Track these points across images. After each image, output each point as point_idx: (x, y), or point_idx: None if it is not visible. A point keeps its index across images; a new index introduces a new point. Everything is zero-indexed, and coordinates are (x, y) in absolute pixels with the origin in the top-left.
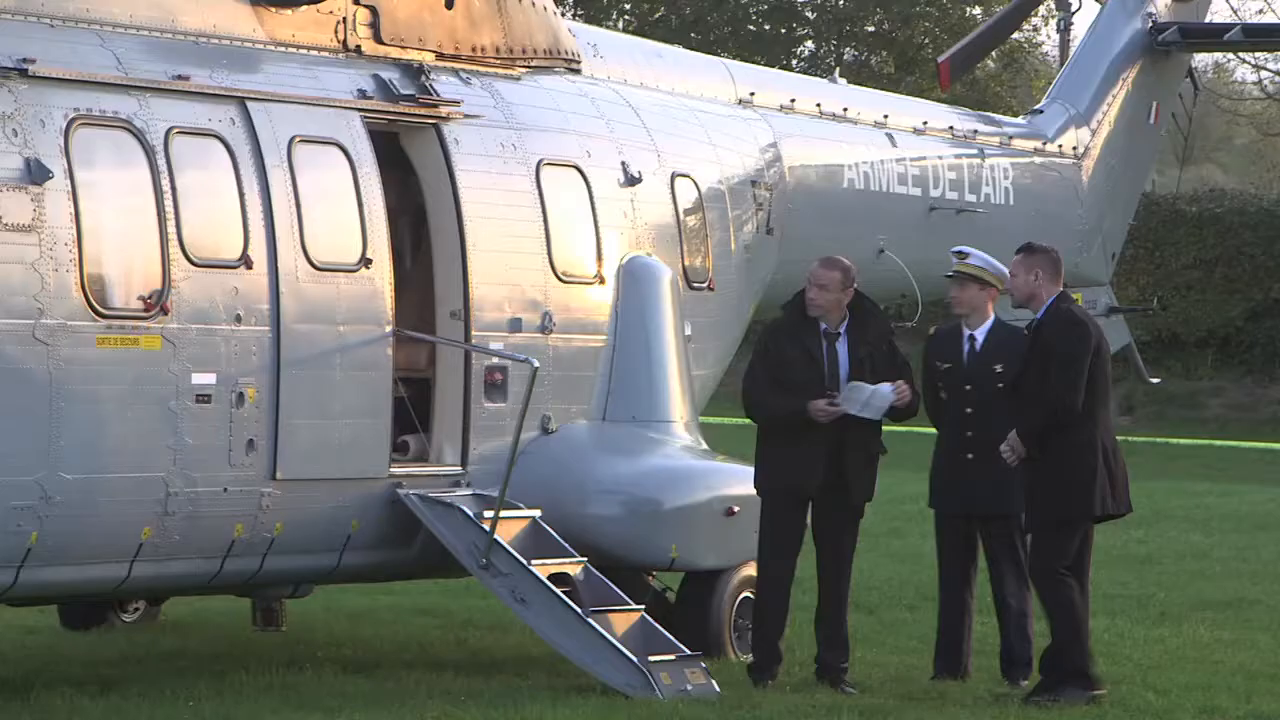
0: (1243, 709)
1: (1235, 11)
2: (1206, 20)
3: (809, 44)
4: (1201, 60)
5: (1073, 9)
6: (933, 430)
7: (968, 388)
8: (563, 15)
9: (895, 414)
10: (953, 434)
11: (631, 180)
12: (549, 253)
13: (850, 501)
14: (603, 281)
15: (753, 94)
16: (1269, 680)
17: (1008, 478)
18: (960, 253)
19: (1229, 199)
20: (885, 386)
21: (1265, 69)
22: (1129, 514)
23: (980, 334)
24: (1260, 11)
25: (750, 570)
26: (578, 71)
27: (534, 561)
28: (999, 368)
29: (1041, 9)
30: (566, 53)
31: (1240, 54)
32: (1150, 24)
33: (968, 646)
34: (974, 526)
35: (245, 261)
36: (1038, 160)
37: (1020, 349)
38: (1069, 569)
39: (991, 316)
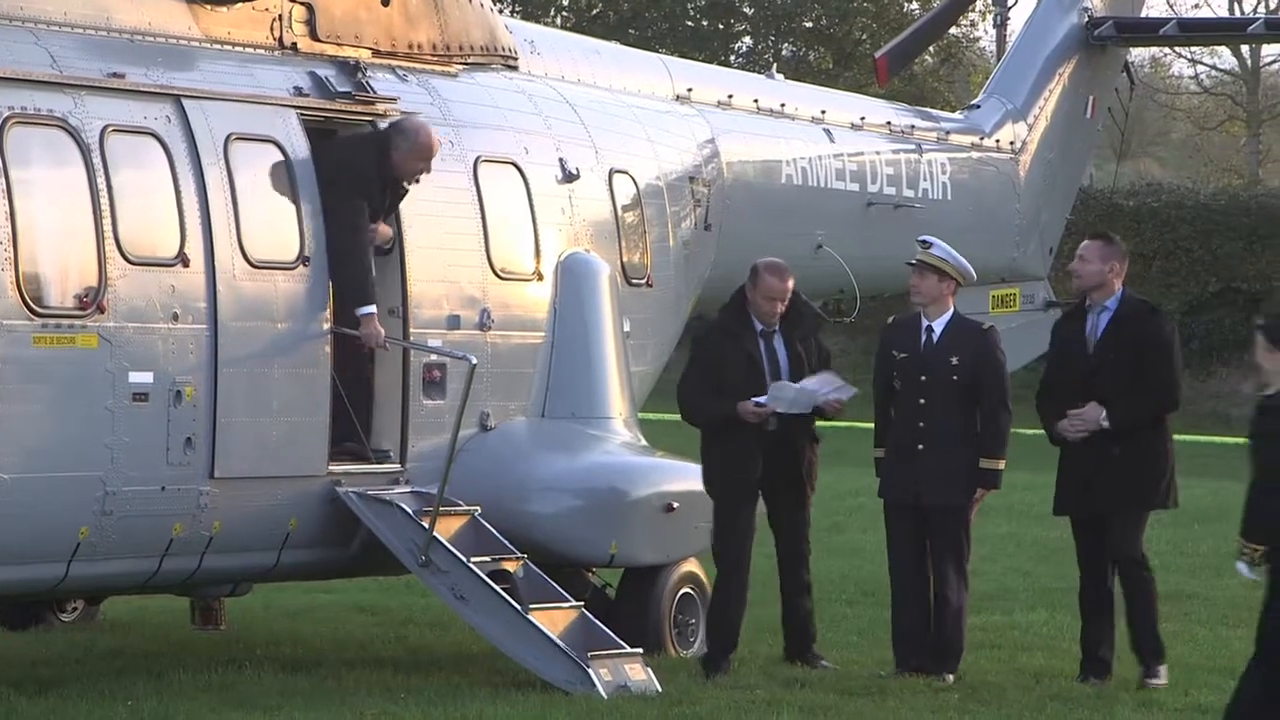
0: (1180, 701)
1: (1171, 6)
2: (1142, 15)
3: (747, 40)
4: (1138, 55)
5: (1008, 4)
6: (871, 425)
7: (923, 378)
8: (500, 12)
9: (820, 413)
10: (905, 424)
11: (569, 177)
12: (487, 250)
13: (799, 486)
14: (541, 278)
15: (690, 90)
16: (1206, 673)
17: (957, 470)
18: (924, 242)
19: (1166, 193)
20: (809, 382)
21: (1201, 63)
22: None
23: (938, 325)
24: (1196, 6)
25: (690, 566)
26: (515, 68)
27: (473, 559)
28: (955, 360)
29: (978, 4)
30: (503, 49)
31: (1176, 48)
32: (1086, 19)
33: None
34: (922, 516)
35: (182, 259)
36: (975, 155)
37: (979, 344)
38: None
39: (950, 309)
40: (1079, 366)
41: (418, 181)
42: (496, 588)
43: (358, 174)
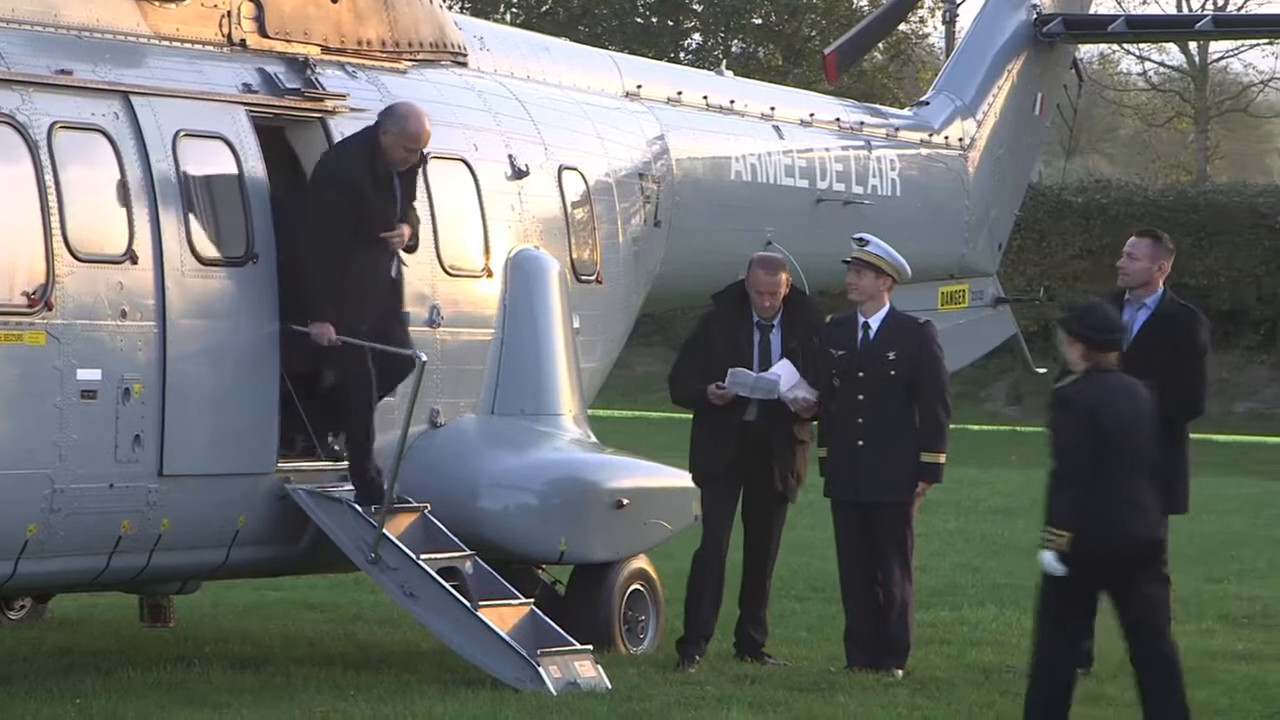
0: (1128, 695)
1: (1119, 3)
2: (1090, 12)
3: (696, 36)
4: (1087, 52)
5: (957, 1)
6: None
7: (860, 375)
8: (449, 8)
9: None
10: (845, 421)
11: (519, 173)
12: (436, 246)
13: (773, 486)
14: (490, 275)
15: (640, 87)
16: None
17: (897, 465)
18: (860, 240)
19: (1115, 189)
20: (777, 369)
21: (1149, 60)
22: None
23: (875, 322)
24: (1144, 3)
25: (640, 563)
26: (464, 65)
27: (423, 556)
28: (892, 355)
29: (927, 1)
30: (453, 46)
31: (1124, 45)
32: (1034, 15)
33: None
34: (866, 513)
35: (130, 256)
36: (924, 152)
37: (915, 339)
38: None
39: (887, 305)
40: None
41: (417, 168)
42: (446, 585)
43: (332, 173)
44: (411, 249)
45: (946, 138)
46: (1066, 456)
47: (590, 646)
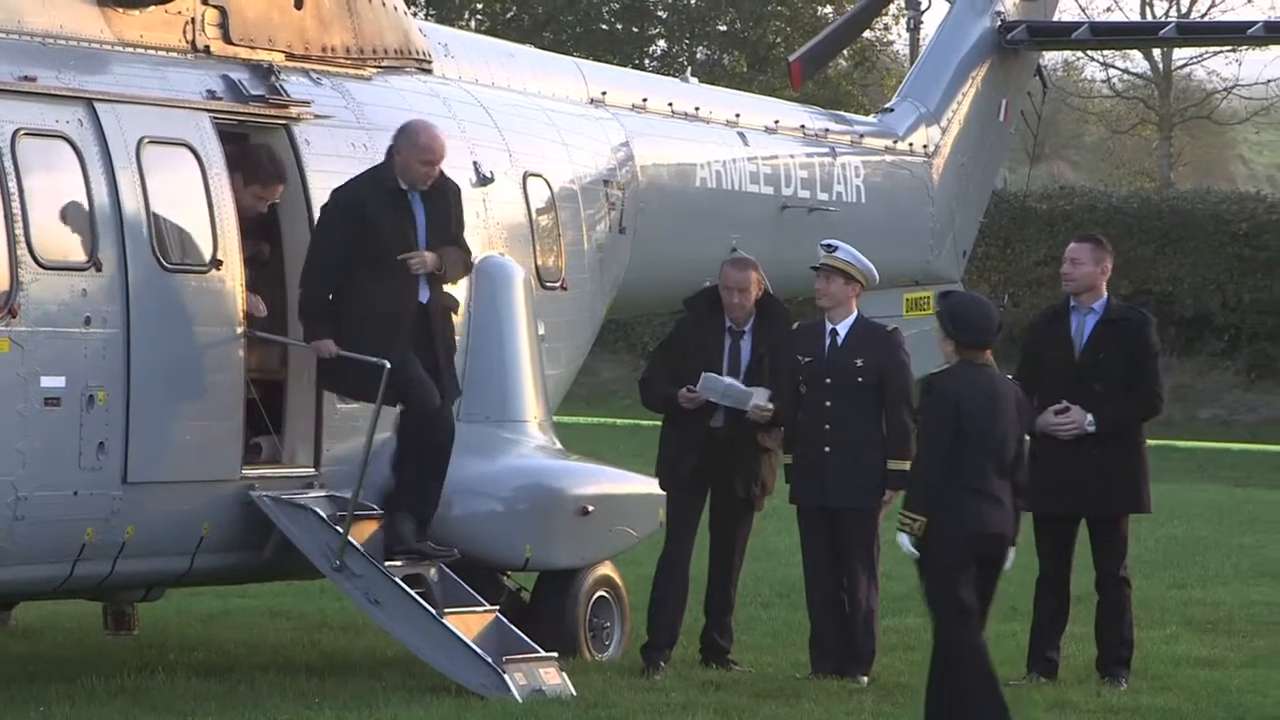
0: (1093, 703)
1: (1084, 10)
2: (1055, 19)
3: (661, 43)
4: (1051, 58)
5: (922, 8)
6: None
7: (828, 381)
8: (414, 15)
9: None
10: (812, 428)
11: (484, 180)
12: None
13: (739, 493)
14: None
15: (605, 93)
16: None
17: (864, 472)
18: (829, 246)
19: (1079, 196)
20: (745, 388)
21: (1114, 67)
22: None
23: (842, 328)
24: (1108, 10)
25: (605, 569)
26: (429, 71)
27: (388, 563)
28: (860, 362)
29: (892, 8)
30: (418, 53)
31: (1088, 52)
32: (999, 22)
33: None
34: (832, 519)
35: (94, 263)
36: (889, 159)
37: (883, 346)
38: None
39: (855, 312)
40: (1065, 368)
41: (446, 194)
42: (411, 592)
43: (339, 196)
44: (443, 277)
45: (911, 145)
46: (926, 443)
47: (556, 654)
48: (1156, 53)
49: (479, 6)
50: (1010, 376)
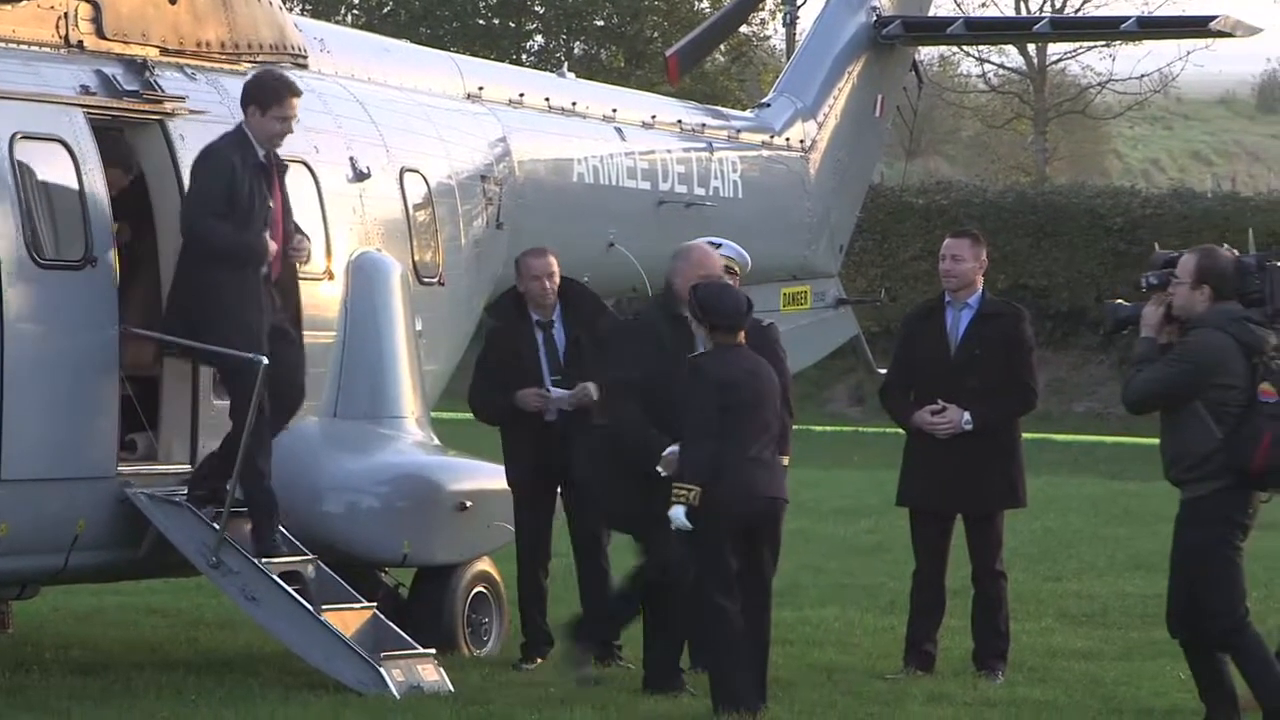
0: (970, 695)
1: (959, 5)
2: (930, 14)
3: (538, 38)
4: (927, 54)
5: (798, 3)
6: None
7: None
8: (290, 10)
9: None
10: None
11: (360, 176)
12: None
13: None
14: (332, 277)
15: (481, 89)
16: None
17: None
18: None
19: (955, 190)
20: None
21: (989, 62)
22: None
23: None
24: (983, 5)
25: (483, 565)
26: (305, 67)
27: (265, 559)
28: None
29: (768, 3)
30: (293, 48)
31: (964, 47)
32: (874, 17)
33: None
34: None
35: None
36: (765, 153)
37: (759, 341)
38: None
39: None
40: (940, 364)
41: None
42: (288, 588)
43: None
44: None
45: (788, 139)
46: (695, 419)
47: (433, 650)
48: (1031, 48)
49: (355, 1)
50: (883, 371)
